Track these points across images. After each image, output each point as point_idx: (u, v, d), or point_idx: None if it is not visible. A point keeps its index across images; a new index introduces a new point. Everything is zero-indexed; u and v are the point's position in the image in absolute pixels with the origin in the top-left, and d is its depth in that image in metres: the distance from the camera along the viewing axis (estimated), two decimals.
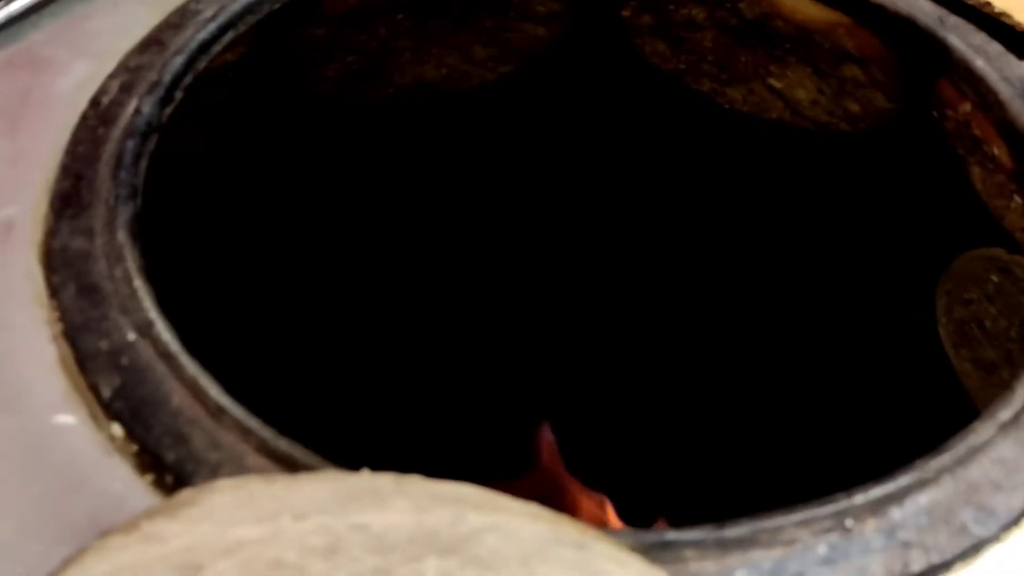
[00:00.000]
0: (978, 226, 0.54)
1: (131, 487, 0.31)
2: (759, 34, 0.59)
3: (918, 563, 0.28)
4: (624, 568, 0.27)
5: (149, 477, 0.31)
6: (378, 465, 0.29)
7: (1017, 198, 0.52)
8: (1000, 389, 0.55)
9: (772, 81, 0.62)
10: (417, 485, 0.28)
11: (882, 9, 0.52)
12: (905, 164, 0.59)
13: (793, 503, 0.30)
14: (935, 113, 0.54)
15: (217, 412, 0.31)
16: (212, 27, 0.45)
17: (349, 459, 0.31)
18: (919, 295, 0.59)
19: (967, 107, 0.49)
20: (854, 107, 0.59)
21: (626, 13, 0.60)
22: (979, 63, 0.48)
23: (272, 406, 0.36)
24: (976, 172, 0.54)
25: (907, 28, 0.51)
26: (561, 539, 0.27)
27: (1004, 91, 0.47)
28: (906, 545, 0.28)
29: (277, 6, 0.48)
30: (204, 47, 0.45)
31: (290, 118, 0.60)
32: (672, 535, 0.29)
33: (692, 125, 0.66)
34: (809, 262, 0.68)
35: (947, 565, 0.28)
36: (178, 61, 0.44)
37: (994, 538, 0.29)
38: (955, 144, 0.54)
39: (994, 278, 0.56)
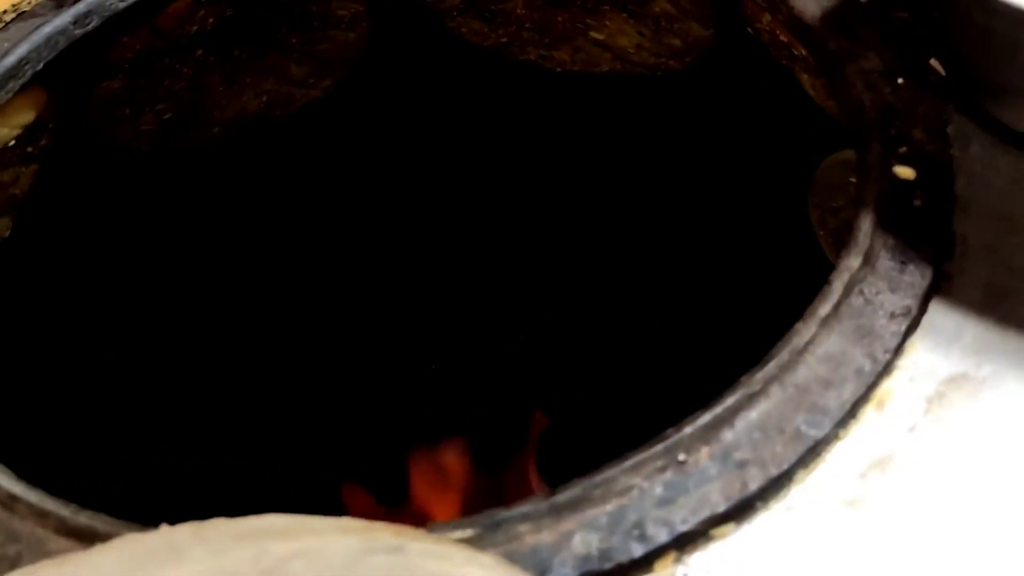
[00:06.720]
0: (827, 131, 0.53)
1: None
2: None
3: (756, 480, 0.27)
4: (444, 561, 0.25)
5: None
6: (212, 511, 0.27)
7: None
8: None
9: (594, 34, 0.60)
10: (215, 529, 0.26)
11: None
12: (740, 87, 0.58)
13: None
14: (750, 30, 0.53)
15: (9, 501, 0.29)
16: None
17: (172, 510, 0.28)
18: (795, 214, 0.58)
19: (767, 17, 0.48)
20: (675, 42, 0.58)
21: None
22: None
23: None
24: (805, 79, 0.53)
25: None
26: (373, 548, 0.26)
27: None
28: (742, 465, 0.27)
29: (40, 66, 0.45)
30: None
31: (113, 184, 0.58)
32: (503, 513, 0.27)
33: (530, 95, 0.64)
34: (678, 206, 0.67)
35: (787, 475, 0.27)
36: None
37: (832, 437, 0.28)
38: (777, 55, 0.53)
39: (853, 180, 0.55)
